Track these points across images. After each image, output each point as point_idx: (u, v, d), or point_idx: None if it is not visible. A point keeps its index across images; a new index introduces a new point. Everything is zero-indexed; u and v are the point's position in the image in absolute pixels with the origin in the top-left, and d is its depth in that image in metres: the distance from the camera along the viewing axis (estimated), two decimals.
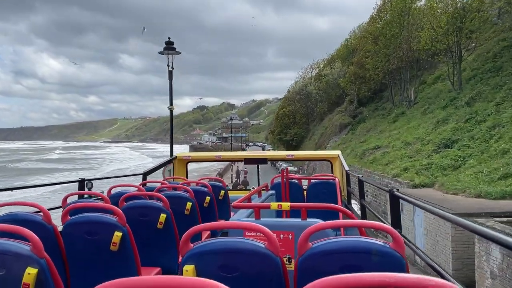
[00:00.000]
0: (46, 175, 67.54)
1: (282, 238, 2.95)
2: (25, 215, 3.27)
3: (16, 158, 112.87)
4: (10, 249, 2.14)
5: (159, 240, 3.80)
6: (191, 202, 4.51)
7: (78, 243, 3.14)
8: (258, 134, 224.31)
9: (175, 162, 8.42)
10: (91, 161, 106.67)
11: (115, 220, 3.07)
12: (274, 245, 2.03)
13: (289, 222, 3.28)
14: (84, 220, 3.14)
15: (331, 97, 58.38)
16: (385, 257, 1.97)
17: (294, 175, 7.42)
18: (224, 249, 2.08)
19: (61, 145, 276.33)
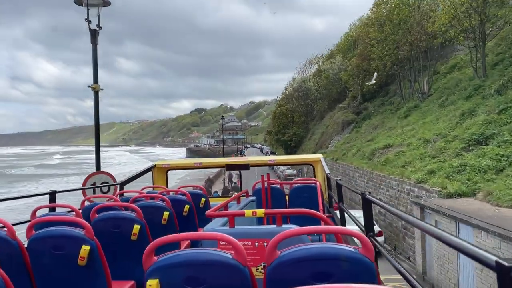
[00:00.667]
0: (41, 180, 65.43)
1: (257, 246, 2.86)
2: None
3: (14, 163, 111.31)
4: None
5: (133, 253, 3.61)
6: (168, 211, 4.45)
7: (44, 259, 3.06)
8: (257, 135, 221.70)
9: (154, 171, 8.27)
10: (109, 165, 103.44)
11: (82, 233, 2.99)
12: (241, 255, 1.98)
13: (263, 229, 3.13)
14: (49, 234, 3.05)
15: (331, 94, 54.34)
16: (355, 263, 1.94)
17: (276, 180, 7.23)
18: (189, 261, 2.02)
19: (60, 150, 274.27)
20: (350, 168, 25.83)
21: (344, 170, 27.50)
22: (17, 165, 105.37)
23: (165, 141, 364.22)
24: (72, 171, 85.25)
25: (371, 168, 22.69)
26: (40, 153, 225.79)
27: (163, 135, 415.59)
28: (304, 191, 6.30)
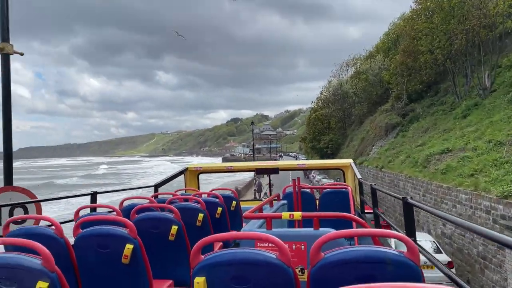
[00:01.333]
0: (82, 190, 65.29)
1: (294, 249, 2.91)
2: (38, 228, 3.32)
3: (61, 174, 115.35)
4: (21, 263, 2.18)
5: (170, 252, 3.79)
6: (203, 213, 4.51)
7: (89, 256, 3.16)
8: (292, 144, 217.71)
9: (186, 174, 8.43)
10: (138, 175, 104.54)
11: (126, 232, 3.07)
12: (286, 256, 2.02)
13: (301, 232, 3.19)
14: (95, 233, 3.14)
15: (371, 96, 49.87)
16: (400, 266, 1.94)
17: (306, 185, 7.00)
18: (235, 260, 2.06)
19: (104, 160, 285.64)
20: (400, 178, 21.62)
21: (391, 180, 23.29)
22: (64, 175, 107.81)
23: (202, 151, 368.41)
24: (114, 181, 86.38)
25: (428, 178, 18.51)
26: (86, 163, 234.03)
27: (200, 145, 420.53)
28: (335, 196, 6.23)
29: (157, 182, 7.51)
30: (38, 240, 2.34)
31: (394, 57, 41.50)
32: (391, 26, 53.79)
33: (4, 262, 2.22)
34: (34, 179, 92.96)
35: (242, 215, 5.97)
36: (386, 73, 41.94)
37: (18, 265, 2.19)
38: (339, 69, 64.56)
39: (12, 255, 2.26)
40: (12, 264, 2.20)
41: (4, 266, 2.21)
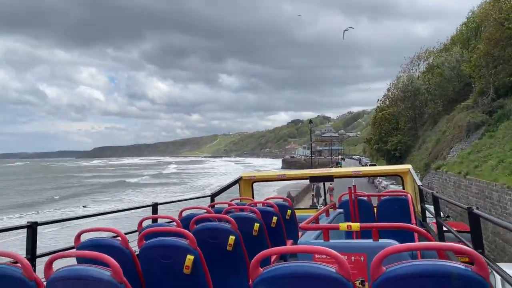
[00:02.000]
0: (155, 188, 67.90)
1: (353, 260, 2.87)
2: (106, 240, 3.44)
3: (132, 173, 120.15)
4: (92, 275, 2.29)
5: (229, 262, 3.81)
6: (259, 223, 4.51)
7: (153, 266, 3.23)
8: (355, 146, 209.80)
9: (241, 183, 8.41)
10: (207, 175, 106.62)
11: (186, 243, 3.14)
12: (345, 270, 1.98)
13: (360, 243, 3.12)
14: (158, 244, 3.22)
15: (447, 93, 44.49)
16: (467, 282, 1.85)
17: (362, 192, 6.84)
18: (294, 273, 2.04)
19: (172, 160, 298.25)
20: (494, 188, 17.35)
21: (481, 190, 18.98)
22: (135, 174, 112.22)
23: (263, 152, 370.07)
24: (186, 180, 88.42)
25: None
26: (156, 163, 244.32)
27: (261, 146, 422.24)
28: (394, 204, 6.00)
29: (213, 192, 7.64)
30: (106, 251, 2.51)
31: (476, 47, 36.24)
32: (469, 15, 47.78)
33: (76, 274, 2.36)
34: (109, 177, 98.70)
35: (297, 224, 5.91)
36: (466, 65, 36.78)
37: (90, 277, 2.31)
38: (409, 63, 58.05)
39: (84, 267, 2.39)
40: (84, 276, 2.32)
41: (77, 277, 2.34)
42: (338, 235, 3.90)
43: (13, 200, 50.46)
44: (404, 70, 57.83)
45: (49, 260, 2.56)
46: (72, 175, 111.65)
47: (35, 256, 4.08)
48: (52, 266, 2.52)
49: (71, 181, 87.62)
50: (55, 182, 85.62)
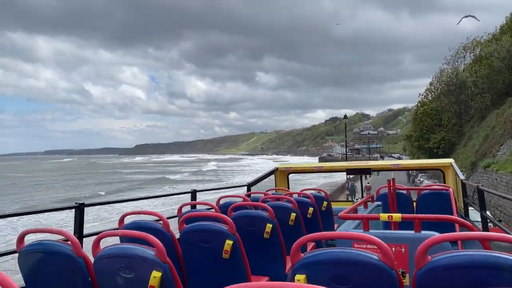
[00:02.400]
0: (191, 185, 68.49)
1: (394, 251, 2.81)
2: (148, 223, 3.57)
3: (172, 170, 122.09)
4: (138, 254, 2.38)
5: (265, 250, 3.86)
6: (295, 212, 4.53)
7: (193, 250, 3.33)
8: (395, 144, 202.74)
9: (276, 174, 8.45)
10: (243, 172, 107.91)
11: (226, 229, 3.18)
12: (389, 258, 1.96)
13: (402, 234, 3.06)
14: (198, 228, 3.30)
15: (497, 86, 41.12)
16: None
17: (402, 186, 6.60)
18: (336, 259, 2.02)
19: (210, 157, 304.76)
20: None
21: None
22: (175, 171, 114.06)
23: (299, 150, 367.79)
24: (223, 178, 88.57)
25: None
26: (195, 160, 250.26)
27: (298, 144, 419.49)
28: (434, 198, 5.83)
29: (250, 182, 7.77)
30: (148, 233, 2.50)
31: None
32: None
33: (123, 252, 2.44)
34: (151, 173, 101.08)
35: (333, 215, 6.01)
36: None
37: (135, 255, 2.38)
38: (454, 55, 53.82)
39: (130, 246, 2.46)
40: (130, 254, 2.40)
41: (123, 255, 2.43)
42: (376, 227, 3.81)
43: (61, 195, 52.23)
44: (448, 62, 53.36)
45: (97, 238, 2.68)
46: (116, 171, 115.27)
47: (82, 236, 4.30)
48: (99, 244, 2.63)
49: (114, 177, 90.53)
50: (101, 177, 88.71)
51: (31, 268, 2.83)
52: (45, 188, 64.83)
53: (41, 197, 50.08)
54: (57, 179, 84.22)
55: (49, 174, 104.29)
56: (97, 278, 2.59)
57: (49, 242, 2.77)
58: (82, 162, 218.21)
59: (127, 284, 2.42)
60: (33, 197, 50.76)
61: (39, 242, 2.79)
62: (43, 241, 2.78)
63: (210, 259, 3.23)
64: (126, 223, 3.67)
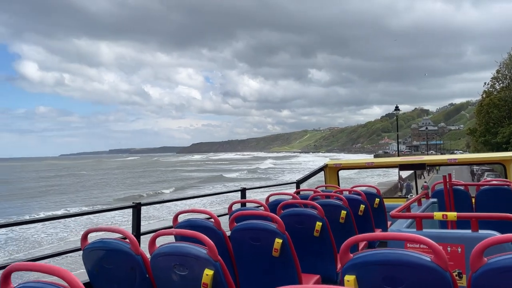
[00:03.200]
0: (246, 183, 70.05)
1: (449, 251, 2.78)
2: (200, 221, 3.67)
3: (228, 168, 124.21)
4: (191, 252, 2.47)
5: (316, 248, 3.87)
6: (346, 210, 4.49)
7: (244, 248, 3.38)
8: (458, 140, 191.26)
9: (326, 170, 8.33)
10: (297, 170, 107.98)
11: (275, 227, 3.20)
12: (442, 259, 1.90)
13: (458, 234, 2.96)
14: (249, 226, 3.34)
15: None
16: None
17: (459, 181, 6.14)
18: (386, 260, 1.98)
19: (265, 155, 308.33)
20: None
21: None
22: (231, 169, 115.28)
23: (354, 148, 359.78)
24: (277, 175, 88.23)
25: None
26: (251, 158, 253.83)
27: (352, 141, 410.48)
28: (496, 194, 5.43)
29: (299, 179, 7.71)
30: (201, 231, 2.59)
31: None
32: None
33: (177, 250, 2.54)
34: (207, 171, 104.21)
35: (386, 213, 5.88)
36: None
37: (188, 254, 2.48)
38: None
39: (184, 244, 2.55)
40: (184, 253, 2.50)
41: (178, 254, 2.53)
42: (431, 225, 3.70)
43: (124, 192, 54.33)
44: None
45: (153, 237, 2.78)
46: (176, 169, 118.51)
47: (140, 234, 4.47)
48: (155, 243, 2.74)
49: (174, 174, 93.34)
50: (163, 175, 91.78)
51: (94, 265, 2.97)
52: (116, 184, 68.50)
53: (110, 194, 52.31)
54: (126, 177, 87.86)
55: (116, 172, 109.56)
56: (154, 275, 2.68)
57: (110, 240, 2.91)
58: (145, 160, 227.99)
59: (181, 281, 2.51)
60: (103, 193, 53.42)
61: (100, 240, 2.94)
62: (104, 239, 2.93)
63: (260, 257, 3.27)
64: (179, 222, 3.80)
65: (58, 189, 60.85)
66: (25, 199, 47.98)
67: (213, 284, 2.38)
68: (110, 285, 2.94)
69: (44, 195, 52.21)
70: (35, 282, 1.80)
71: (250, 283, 3.42)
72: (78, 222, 27.04)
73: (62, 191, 57.80)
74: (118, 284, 2.90)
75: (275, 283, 1.14)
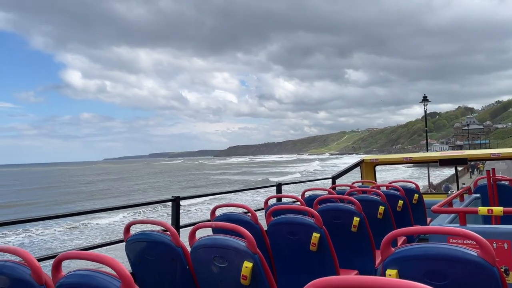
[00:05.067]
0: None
1: (495, 247, 2.69)
2: (238, 215, 3.77)
3: (275, 170, 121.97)
4: (230, 244, 2.51)
5: (353, 243, 3.83)
6: (384, 206, 4.46)
7: (281, 242, 3.39)
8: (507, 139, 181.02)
9: (362, 166, 8.26)
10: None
11: (312, 221, 3.21)
12: (490, 254, 1.85)
13: (505, 229, 2.88)
14: (286, 220, 3.35)
15: None
16: None
17: (503, 176, 6.12)
18: (430, 255, 1.94)
19: (310, 157, 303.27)
20: None
21: None
22: (277, 172, 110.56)
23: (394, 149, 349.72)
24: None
25: None
26: (296, 159, 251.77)
27: (392, 142, 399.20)
28: None
29: (334, 174, 7.63)
30: (238, 225, 2.62)
31: None
32: None
33: (217, 243, 2.58)
34: (255, 174, 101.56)
35: (425, 209, 5.79)
36: None
37: (228, 246, 2.51)
38: None
39: (224, 237, 2.57)
40: (224, 245, 2.53)
41: (218, 246, 2.56)
42: (474, 221, 3.60)
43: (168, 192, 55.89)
44: None
45: (193, 229, 2.84)
46: (224, 172, 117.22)
47: (179, 226, 4.54)
48: (195, 235, 2.80)
49: (221, 178, 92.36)
50: (210, 180, 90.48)
51: (136, 256, 3.07)
52: (169, 185, 69.83)
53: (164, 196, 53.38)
54: (178, 180, 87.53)
55: (165, 175, 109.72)
56: (194, 266, 2.75)
57: (152, 232, 2.98)
58: (192, 163, 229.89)
59: (221, 272, 2.55)
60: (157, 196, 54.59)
61: (142, 232, 3.02)
62: (146, 231, 3.01)
63: (298, 251, 3.27)
64: (217, 215, 3.84)
65: (117, 191, 62.57)
66: (95, 200, 49.52)
67: (252, 276, 2.40)
68: (152, 275, 3.02)
69: (106, 197, 53.52)
70: (85, 270, 1.87)
71: (287, 277, 3.41)
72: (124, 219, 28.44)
73: (121, 192, 59.45)
74: (160, 275, 2.97)
75: (312, 278, 1.13)
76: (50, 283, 1.96)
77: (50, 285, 1.95)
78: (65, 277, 1.90)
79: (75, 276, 1.86)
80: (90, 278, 1.80)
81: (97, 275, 1.81)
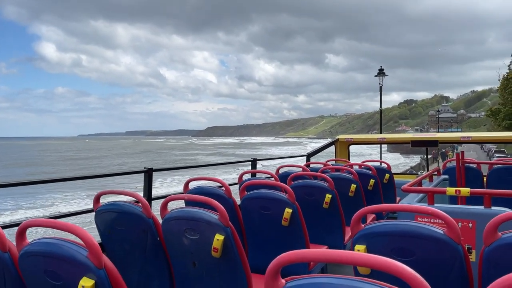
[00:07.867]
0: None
1: (460, 227, 2.75)
2: (211, 189, 3.74)
3: (271, 153, 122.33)
4: (202, 217, 2.50)
5: (325, 220, 3.93)
6: (355, 184, 4.55)
7: (253, 216, 3.43)
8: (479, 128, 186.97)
9: (337, 144, 8.44)
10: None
11: (285, 197, 3.24)
12: (455, 233, 1.91)
13: (470, 209, 2.94)
14: (259, 195, 3.38)
15: None
16: None
17: (472, 159, 6.19)
18: (398, 231, 1.99)
19: (299, 140, 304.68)
20: None
21: None
22: (275, 154, 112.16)
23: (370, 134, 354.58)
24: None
25: None
26: (287, 142, 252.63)
27: (368, 128, 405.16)
28: (508, 173, 5.45)
29: (309, 152, 7.79)
30: (211, 198, 2.60)
31: None
32: None
33: (189, 215, 2.56)
34: (242, 156, 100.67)
35: (395, 188, 5.88)
36: None
37: (200, 219, 2.50)
38: None
39: (196, 209, 2.55)
40: (196, 218, 2.52)
41: (189, 218, 2.55)
42: (441, 201, 3.65)
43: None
44: None
45: (164, 201, 2.80)
46: (228, 151, 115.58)
47: (151, 198, 4.51)
48: (167, 207, 2.76)
49: (215, 159, 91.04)
50: (215, 156, 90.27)
51: (106, 226, 3.03)
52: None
53: None
54: (176, 159, 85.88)
55: (163, 152, 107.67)
56: (165, 238, 2.74)
57: (122, 203, 2.96)
58: (180, 143, 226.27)
59: (192, 244, 2.56)
60: None
61: (113, 202, 2.99)
62: (116, 202, 2.98)
63: (270, 226, 3.32)
64: (190, 188, 3.81)
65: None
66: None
67: (223, 249, 2.42)
68: (122, 246, 3.00)
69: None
70: (50, 238, 1.82)
71: (258, 251, 3.45)
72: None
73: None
74: (130, 245, 2.95)
75: (283, 252, 1.12)
76: (14, 250, 1.90)
77: (14, 253, 1.89)
78: (30, 244, 1.84)
79: (40, 244, 1.80)
80: (56, 246, 1.74)
81: (64, 243, 1.75)
